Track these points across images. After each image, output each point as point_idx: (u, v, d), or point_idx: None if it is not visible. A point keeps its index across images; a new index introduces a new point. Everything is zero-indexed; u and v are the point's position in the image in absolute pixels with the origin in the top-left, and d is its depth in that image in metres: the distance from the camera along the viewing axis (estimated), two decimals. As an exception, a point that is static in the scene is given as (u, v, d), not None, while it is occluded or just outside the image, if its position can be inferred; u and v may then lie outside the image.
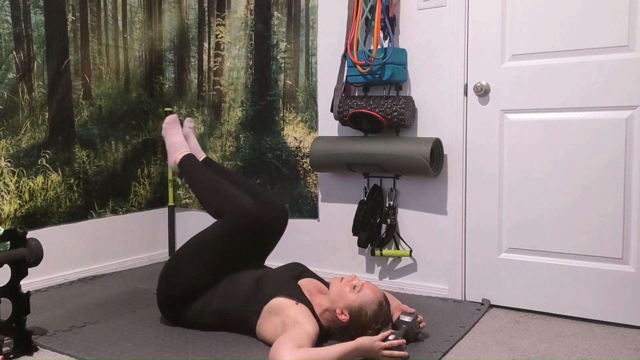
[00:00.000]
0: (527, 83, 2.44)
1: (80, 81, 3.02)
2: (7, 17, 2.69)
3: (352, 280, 2.02)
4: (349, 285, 2.00)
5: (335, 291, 2.01)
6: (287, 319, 1.93)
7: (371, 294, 1.98)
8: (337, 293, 2.00)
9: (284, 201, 3.10)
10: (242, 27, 3.19)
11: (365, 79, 2.63)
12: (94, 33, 3.08)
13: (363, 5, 2.62)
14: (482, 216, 2.56)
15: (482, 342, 2.13)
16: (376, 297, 1.98)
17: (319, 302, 2.05)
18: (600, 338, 2.18)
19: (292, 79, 3.03)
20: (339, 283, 2.03)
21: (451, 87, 2.59)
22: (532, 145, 2.44)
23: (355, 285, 2.00)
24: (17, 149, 2.75)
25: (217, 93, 3.32)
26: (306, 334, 1.84)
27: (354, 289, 1.99)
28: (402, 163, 2.55)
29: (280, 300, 2.00)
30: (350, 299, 1.97)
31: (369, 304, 1.96)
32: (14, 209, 2.74)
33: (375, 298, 1.98)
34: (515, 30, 2.45)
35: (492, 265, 2.56)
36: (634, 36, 2.22)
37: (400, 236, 2.77)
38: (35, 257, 2.06)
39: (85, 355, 1.98)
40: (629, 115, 2.25)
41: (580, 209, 2.35)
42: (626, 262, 2.29)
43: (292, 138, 3.06)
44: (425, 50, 2.65)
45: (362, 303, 1.96)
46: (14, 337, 2.02)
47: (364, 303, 1.96)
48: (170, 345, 2.07)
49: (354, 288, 1.99)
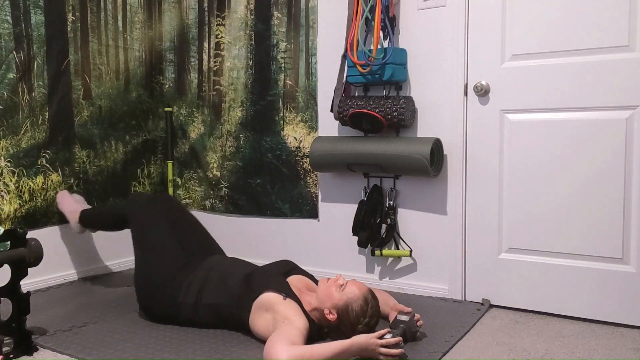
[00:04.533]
0: (527, 83, 2.44)
1: (80, 81, 3.02)
2: (7, 17, 2.69)
3: (337, 280, 2.06)
4: (335, 285, 2.03)
5: (322, 292, 2.04)
6: (277, 315, 1.96)
7: (356, 290, 2.01)
8: (324, 294, 2.03)
9: (284, 201, 3.10)
10: (242, 27, 3.19)
11: (365, 79, 2.63)
12: (94, 33, 3.08)
13: (363, 5, 2.62)
14: (482, 216, 2.56)
15: (482, 342, 2.13)
16: (361, 292, 2.01)
17: (308, 299, 2.08)
18: (600, 338, 2.18)
19: (292, 79, 3.03)
20: (326, 284, 2.06)
21: (451, 87, 2.59)
22: (532, 145, 2.44)
23: (340, 285, 2.03)
24: (17, 149, 2.75)
25: (217, 93, 3.32)
26: (297, 330, 1.87)
27: (340, 288, 2.02)
28: (402, 163, 2.55)
29: (269, 296, 2.03)
30: (336, 298, 2.00)
31: (354, 300, 1.98)
32: (14, 209, 2.74)
33: (359, 293, 2.00)
34: (515, 30, 2.45)
35: (492, 265, 2.56)
36: (634, 36, 2.22)
37: (400, 236, 2.77)
38: (35, 257, 2.06)
39: (85, 355, 1.99)
40: (629, 115, 2.25)
41: (580, 209, 2.35)
42: (626, 262, 2.29)
43: (292, 138, 3.06)
44: (425, 50, 2.65)
45: (348, 300, 1.98)
46: (14, 337, 2.02)
47: (349, 300, 1.98)
48: (170, 345, 2.08)
49: (339, 287, 2.02)
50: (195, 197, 3.43)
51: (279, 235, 3.15)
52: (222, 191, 3.33)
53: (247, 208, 3.25)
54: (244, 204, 3.26)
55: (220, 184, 3.33)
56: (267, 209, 3.18)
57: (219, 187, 3.34)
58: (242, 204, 3.26)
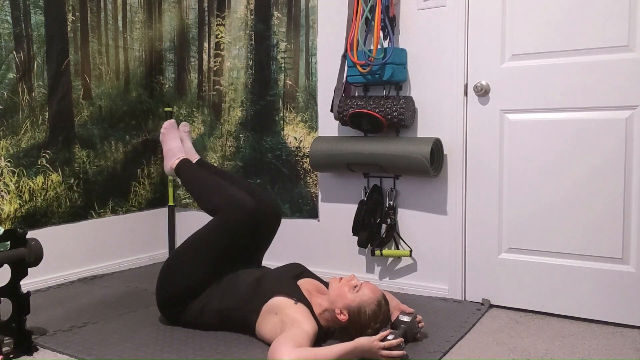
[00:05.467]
0: (527, 83, 2.44)
1: (80, 81, 3.02)
2: (7, 17, 2.69)
3: (351, 280, 2.03)
4: (348, 285, 2.00)
5: (335, 291, 2.01)
6: (285, 318, 1.93)
7: (370, 294, 1.98)
8: (336, 293, 2.00)
9: (284, 201, 3.10)
10: (242, 27, 3.19)
11: (365, 79, 2.63)
12: (94, 33, 3.08)
13: (363, 5, 2.62)
14: (482, 216, 2.56)
15: (482, 342, 2.13)
16: (375, 296, 1.98)
17: (318, 302, 2.06)
18: (600, 338, 2.18)
19: (292, 79, 3.03)
20: (338, 283, 2.03)
21: (451, 87, 2.59)
22: (532, 145, 2.44)
23: (354, 285, 2.00)
24: (17, 149, 2.75)
25: (217, 93, 3.32)
26: (305, 334, 1.85)
27: (353, 288, 1.99)
28: (402, 163, 2.55)
29: (280, 300, 2.00)
30: (349, 299, 1.97)
31: (367, 304, 1.96)
32: (14, 209, 2.74)
33: (374, 297, 1.98)
34: (515, 30, 2.45)
35: (492, 265, 2.56)
36: (634, 36, 2.22)
37: (400, 236, 2.77)
38: (35, 257, 2.06)
39: (85, 355, 1.98)
40: (629, 115, 2.25)
41: (580, 209, 2.35)
42: (626, 262, 2.29)
43: (292, 138, 3.06)
44: (425, 50, 2.65)
45: (361, 303, 1.96)
46: (14, 337, 2.02)
47: (362, 302, 1.96)
48: (170, 345, 2.07)
49: (353, 288, 2.00)
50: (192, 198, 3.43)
51: (279, 235, 3.14)
52: (222, 191, 3.33)
53: (247, 208, 3.24)
54: (244, 204, 3.25)
55: (220, 184, 3.33)
56: (267, 209, 3.17)
57: (219, 187, 3.34)
58: (242, 204, 3.25)
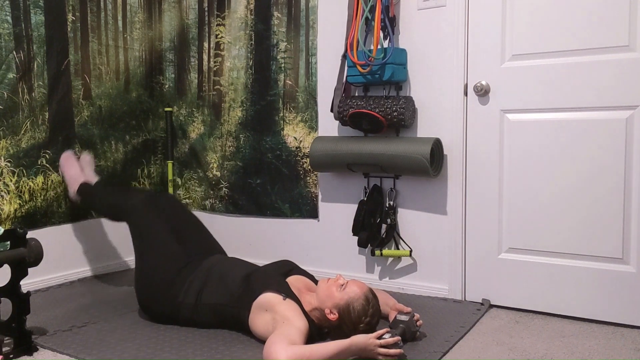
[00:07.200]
0: (527, 83, 2.44)
1: (80, 81, 3.02)
2: (7, 17, 2.69)
3: (337, 280, 2.06)
4: (335, 285, 2.04)
5: (323, 292, 2.05)
6: (276, 315, 1.96)
7: (357, 289, 2.01)
8: (325, 294, 2.04)
9: (284, 201, 3.10)
10: (242, 27, 3.19)
11: (365, 79, 2.63)
12: (94, 33, 3.08)
13: (363, 5, 2.62)
14: (482, 216, 2.57)
15: (482, 342, 2.13)
16: (362, 291, 2.01)
17: (308, 299, 2.09)
18: (600, 338, 2.18)
19: (292, 79, 3.03)
20: (326, 284, 2.07)
21: (451, 87, 2.59)
22: (532, 145, 2.44)
23: (341, 284, 2.04)
24: (17, 149, 2.75)
25: (217, 93, 3.32)
26: (297, 330, 1.87)
27: (340, 287, 2.03)
28: (402, 163, 2.55)
29: (268, 296, 2.03)
30: (337, 298, 2.00)
31: (355, 299, 1.99)
32: (14, 209, 2.74)
33: (360, 292, 2.01)
34: (515, 30, 2.45)
35: (492, 265, 2.56)
36: (634, 36, 2.22)
37: (400, 236, 2.77)
38: (35, 257, 2.06)
39: (85, 355, 1.99)
40: (629, 115, 2.25)
41: (580, 209, 2.35)
42: (626, 262, 2.29)
43: (292, 138, 3.06)
44: (425, 50, 2.65)
45: (349, 299, 1.99)
46: (14, 337, 2.02)
47: (350, 299, 1.99)
48: (170, 345, 2.08)
49: (340, 287, 2.03)
50: (195, 197, 3.43)
51: (279, 235, 3.15)
52: (222, 191, 3.33)
53: (247, 208, 3.25)
54: (244, 204, 3.26)
55: (220, 184, 3.33)
56: (267, 209, 3.18)
57: (219, 187, 3.34)
58: (242, 204, 3.26)
